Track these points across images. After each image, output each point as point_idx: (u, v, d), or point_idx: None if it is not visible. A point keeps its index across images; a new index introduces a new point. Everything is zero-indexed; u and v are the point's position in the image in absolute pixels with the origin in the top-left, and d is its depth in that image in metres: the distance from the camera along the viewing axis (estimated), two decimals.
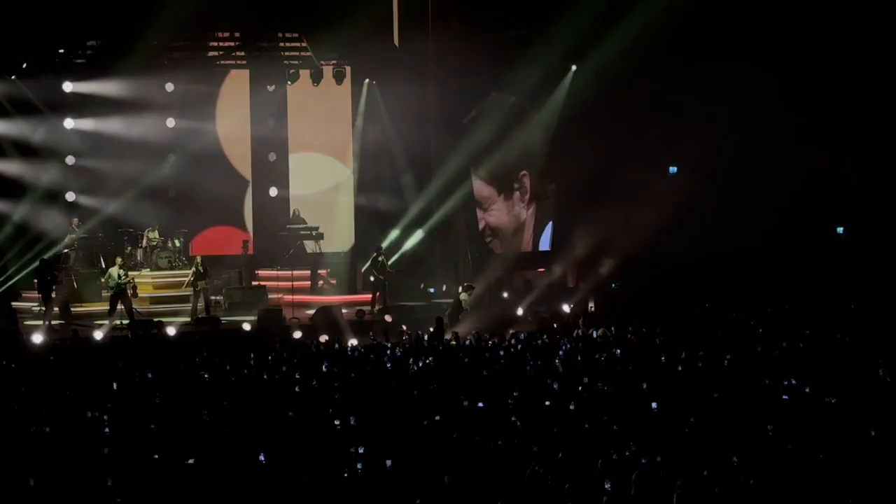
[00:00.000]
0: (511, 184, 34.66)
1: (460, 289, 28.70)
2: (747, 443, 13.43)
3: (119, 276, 27.28)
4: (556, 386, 17.49)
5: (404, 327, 26.43)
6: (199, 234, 32.84)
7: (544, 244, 34.99)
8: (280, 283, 31.04)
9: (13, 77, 30.56)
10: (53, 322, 27.25)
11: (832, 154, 31.26)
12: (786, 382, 17.12)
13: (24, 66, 30.51)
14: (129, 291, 27.54)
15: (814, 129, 30.87)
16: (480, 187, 34.33)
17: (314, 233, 33.16)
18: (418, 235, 33.03)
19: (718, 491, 11.57)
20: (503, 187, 34.61)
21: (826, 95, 30.80)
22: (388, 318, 28.24)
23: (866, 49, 30.72)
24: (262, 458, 13.29)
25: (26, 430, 14.95)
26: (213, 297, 29.72)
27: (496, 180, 34.48)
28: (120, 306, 27.30)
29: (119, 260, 28.17)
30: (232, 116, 33.46)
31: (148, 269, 30.74)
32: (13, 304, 28.57)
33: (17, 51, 29.67)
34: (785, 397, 16.14)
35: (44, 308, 27.55)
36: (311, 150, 34.13)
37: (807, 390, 16.61)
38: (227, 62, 33.43)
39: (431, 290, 32.53)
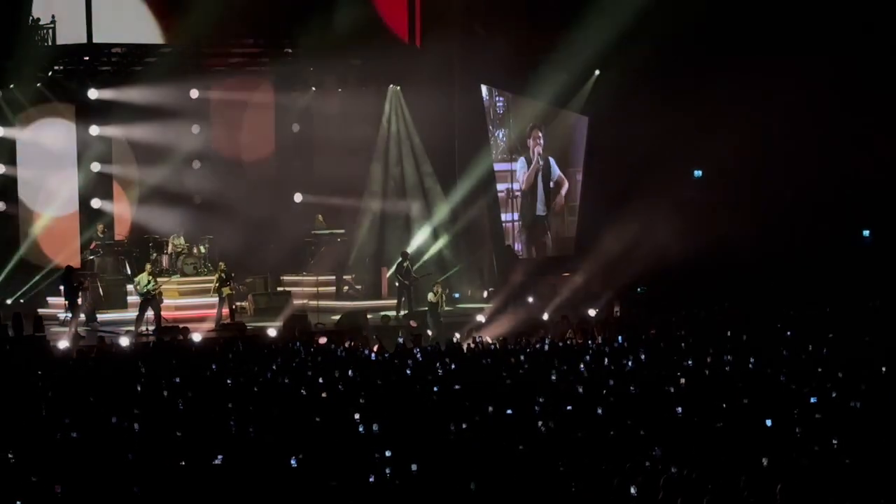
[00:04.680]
0: (524, 141, 34.69)
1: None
2: (775, 447, 13.36)
3: (148, 283, 27.33)
4: (580, 391, 17.44)
5: (429, 332, 26.39)
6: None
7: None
8: (305, 289, 31.04)
9: (38, 84, 30.65)
10: (79, 329, 27.31)
11: (858, 157, 31.09)
12: (811, 387, 17.03)
13: (50, 73, 30.60)
14: (157, 298, 27.60)
15: (840, 132, 30.72)
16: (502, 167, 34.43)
17: (339, 238, 33.12)
18: (443, 240, 33.03)
19: (747, 496, 11.51)
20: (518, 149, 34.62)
21: (852, 96, 30.65)
22: (413, 323, 28.22)
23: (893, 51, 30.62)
24: (293, 462, 13.29)
25: (53, 437, 14.99)
26: (238, 304, 29.75)
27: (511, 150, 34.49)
28: (148, 313, 27.40)
29: (148, 267, 28.23)
30: (256, 122, 33.49)
31: (173, 276, 30.77)
32: (39, 310, 28.62)
33: (43, 58, 29.77)
34: (813, 400, 16.05)
35: (70, 315, 27.60)
36: (336, 155, 34.11)
37: (833, 395, 16.52)
38: (252, 69, 33.46)
39: (456, 295, 32.52)
